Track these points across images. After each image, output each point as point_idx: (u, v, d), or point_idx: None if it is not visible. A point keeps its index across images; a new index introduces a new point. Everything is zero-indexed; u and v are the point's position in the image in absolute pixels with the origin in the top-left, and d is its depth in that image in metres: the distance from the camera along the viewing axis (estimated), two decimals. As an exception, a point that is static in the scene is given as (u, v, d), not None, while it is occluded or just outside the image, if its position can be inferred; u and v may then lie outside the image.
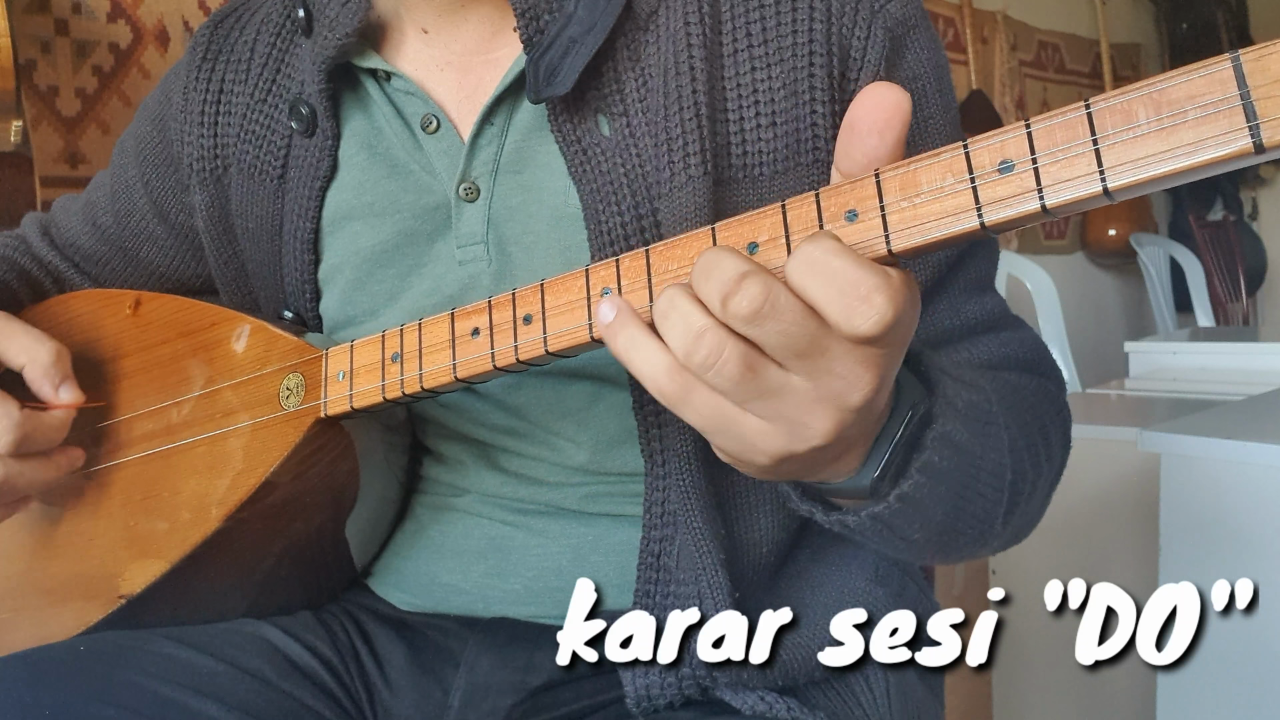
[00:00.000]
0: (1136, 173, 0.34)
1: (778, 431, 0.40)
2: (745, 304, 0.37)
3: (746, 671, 0.55)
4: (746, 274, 0.37)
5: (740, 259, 0.38)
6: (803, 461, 0.42)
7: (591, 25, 0.57)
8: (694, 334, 0.39)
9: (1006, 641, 1.53)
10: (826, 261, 0.37)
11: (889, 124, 0.38)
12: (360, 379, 0.56)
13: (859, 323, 0.36)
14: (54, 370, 0.63)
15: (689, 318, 0.39)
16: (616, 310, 0.42)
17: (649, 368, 0.41)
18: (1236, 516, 1.09)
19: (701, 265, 0.39)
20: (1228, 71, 0.32)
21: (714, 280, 0.38)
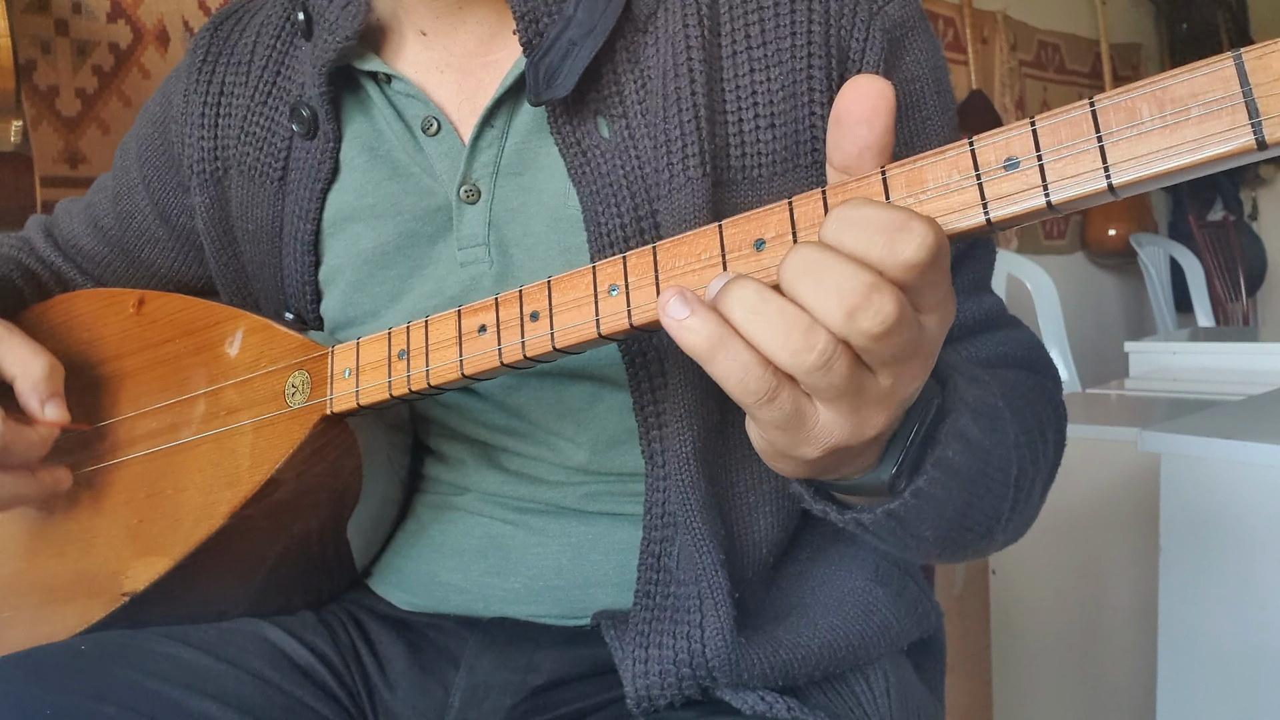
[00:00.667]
0: (1140, 169, 0.34)
1: (844, 427, 0.40)
2: (878, 321, 0.36)
3: (747, 671, 0.55)
4: (874, 286, 0.36)
5: (854, 264, 0.36)
6: (847, 454, 0.42)
7: (591, 28, 0.57)
8: (801, 333, 0.37)
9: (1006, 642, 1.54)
10: (856, 213, 0.36)
11: (876, 111, 0.39)
12: (366, 376, 0.56)
13: (903, 250, 0.35)
14: (43, 386, 0.63)
15: (788, 314, 0.37)
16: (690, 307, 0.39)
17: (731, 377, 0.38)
18: (1236, 516, 1.09)
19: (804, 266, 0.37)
20: (1230, 69, 0.32)
21: (831, 286, 0.36)
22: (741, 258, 0.42)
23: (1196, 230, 3.74)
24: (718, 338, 0.38)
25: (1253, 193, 4.26)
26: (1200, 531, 1.12)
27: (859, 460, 0.44)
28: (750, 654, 0.55)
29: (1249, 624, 1.08)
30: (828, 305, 0.36)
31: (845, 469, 0.45)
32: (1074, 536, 1.42)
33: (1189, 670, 1.13)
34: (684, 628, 0.55)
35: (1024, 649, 1.53)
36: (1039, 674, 1.52)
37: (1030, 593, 1.51)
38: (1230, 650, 1.09)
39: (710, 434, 0.58)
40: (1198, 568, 1.12)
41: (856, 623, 0.60)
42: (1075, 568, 1.44)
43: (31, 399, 0.63)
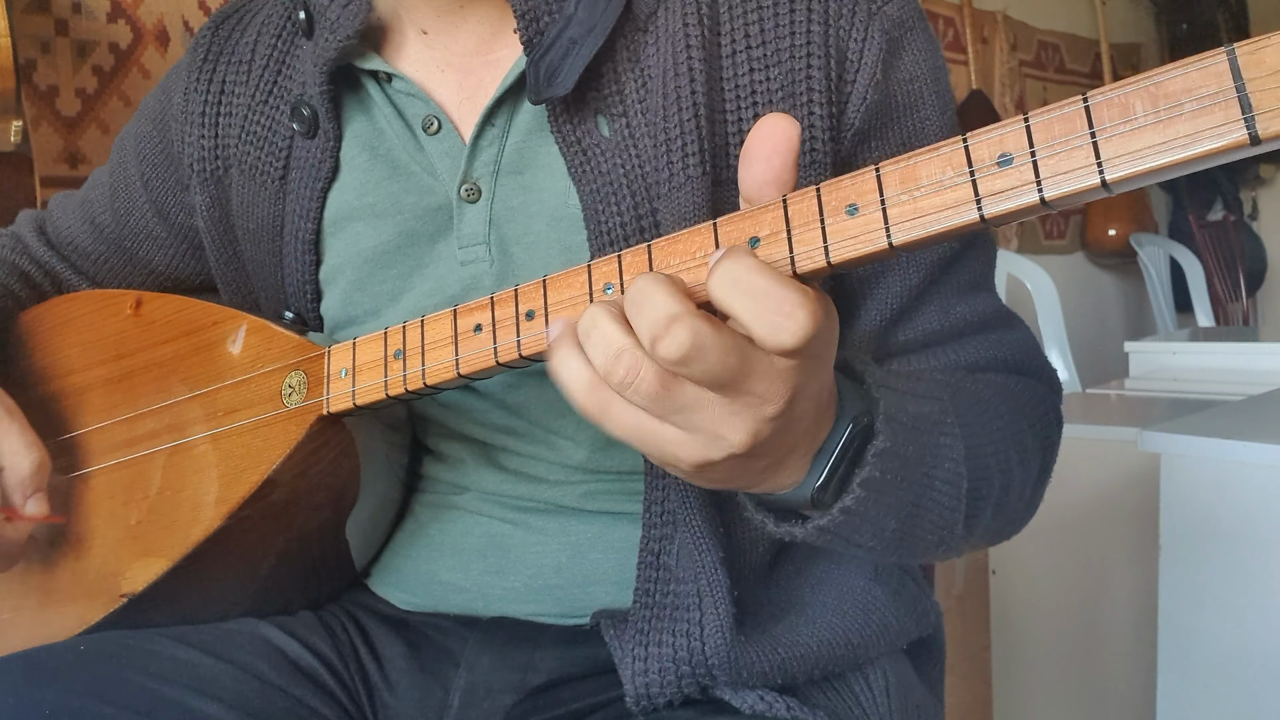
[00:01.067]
0: (1134, 165, 0.34)
1: (694, 441, 0.42)
2: (674, 348, 0.38)
3: (746, 670, 0.55)
4: (675, 318, 0.38)
5: (671, 295, 0.39)
6: (727, 470, 0.43)
7: (591, 27, 0.57)
8: (613, 353, 0.40)
9: (1007, 641, 1.54)
10: (750, 280, 0.38)
11: (775, 149, 0.41)
12: (363, 376, 0.56)
13: (784, 337, 0.38)
14: (29, 483, 0.64)
15: (609, 337, 0.40)
16: (561, 329, 0.43)
17: (571, 383, 0.42)
18: (1236, 516, 1.09)
19: (632, 296, 0.40)
20: (1223, 65, 0.32)
21: (645, 317, 0.39)
22: None
23: (1196, 230, 3.75)
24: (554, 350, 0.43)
25: (1253, 193, 4.26)
26: (1200, 531, 1.12)
27: (777, 476, 0.45)
28: (750, 652, 0.55)
29: (1249, 624, 1.08)
30: (640, 330, 0.40)
31: (763, 484, 0.46)
32: (1074, 536, 1.42)
33: (1189, 670, 1.13)
34: (683, 626, 0.55)
35: (1024, 649, 1.53)
36: (1039, 674, 1.52)
37: (1030, 593, 1.51)
38: (1230, 650, 1.09)
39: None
40: (1198, 568, 1.12)
41: (856, 622, 0.60)
42: (1075, 568, 1.44)
43: (15, 494, 0.64)
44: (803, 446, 0.45)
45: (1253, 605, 1.08)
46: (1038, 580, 1.50)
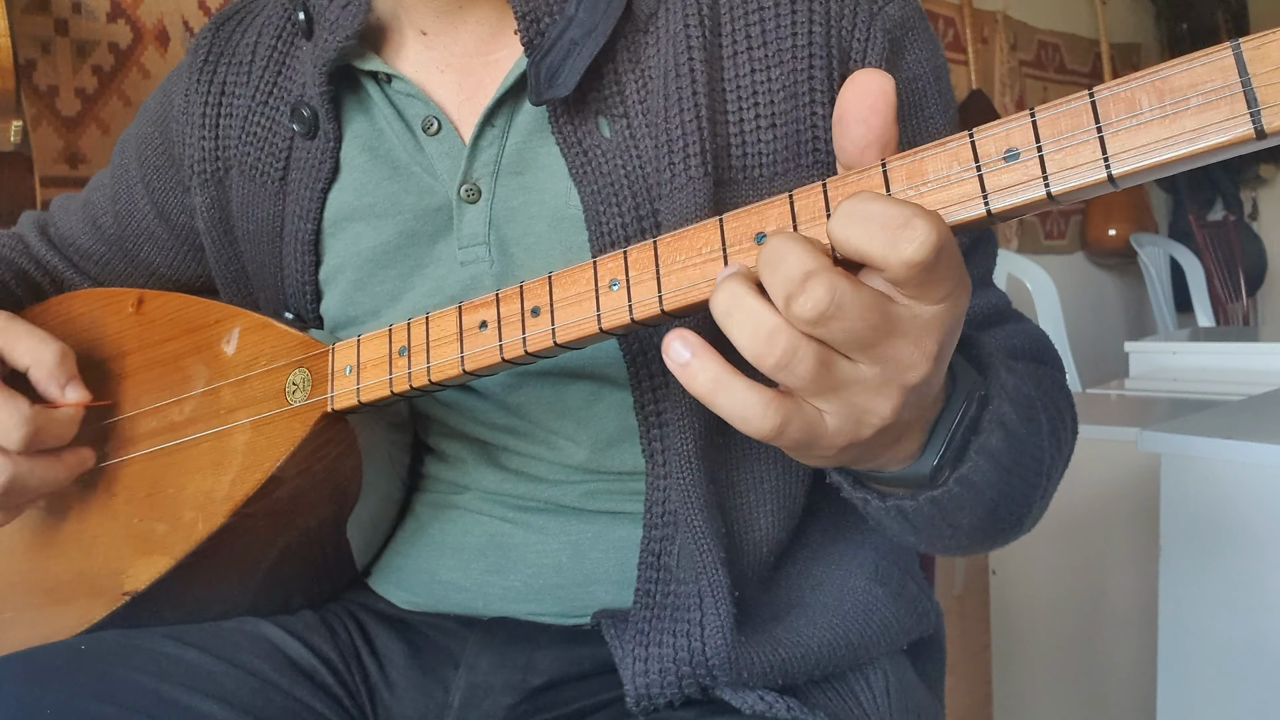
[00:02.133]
0: (1140, 159, 0.34)
1: (845, 420, 0.40)
2: (810, 306, 0.37)
3: (746, 670, 0.55)
4: (811, 274, 0.37)
5: (806, 252, 0.37)
6: (865, 447, 0.42)
7: (592, 27, 0.57)
8: (765, 336, 0.38)
9: (1007, 641, 1.54)
10: (862, 208, 0.36)
11: (873, 109, 0.39)
12: (367, 373, 0.56)
13: (905, 248, 0.36)
14: (59, 370, 0.64)
15: (756, 317, 0.38)
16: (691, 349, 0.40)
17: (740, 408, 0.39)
18: (1236, 516, 1.09)
19: (766, 257, 0.38)
20: (1229, 59, 0.33)
21: (779, 275, 0.37)
22: (742, 251, 0.42)
23: (1197, 230, 3.75)
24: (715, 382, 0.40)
25: (1253, 193, 4.26)
26: (1200, 531, 1.12)
27: (893, 451, 0.44)
28: (750, 653, 0.55)
29: (1249, 624, 1.08)
30: (774, 293, 0.38)
31: (879, 460, 0.45)
32: (1074, 536, 1.42)
33: (1189, 670, 1.13)
34: (684, 626, 0.55)
35: (1024, 649, 1.53)
36: (1039, 674, 1.52)
37: (1030, 593, 1.51)
38: (1230, 650, 1.09)
39: (711, 432, 0.58)
40: (1198, 568, 1.12)
41: (856, 622, 0.60)
42: (1075, 568, 1.44)
43: (50, 385, 0.64)
44: (926, 418, 0.44)
45: (1253, 605, 1.08)
46: (1038, 580, 1.50)
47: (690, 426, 0.56)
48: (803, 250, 0.37)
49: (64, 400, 0.64)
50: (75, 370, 0.65)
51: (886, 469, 0.46)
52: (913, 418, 0.43)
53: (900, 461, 0.45)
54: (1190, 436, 1.12)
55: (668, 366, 0.41)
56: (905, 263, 0.36)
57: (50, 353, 0.63)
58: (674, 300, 0.44)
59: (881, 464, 0.45)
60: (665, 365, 0.57)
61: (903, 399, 0.40)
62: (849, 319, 0.37)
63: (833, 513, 0.66)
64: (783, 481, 0.60)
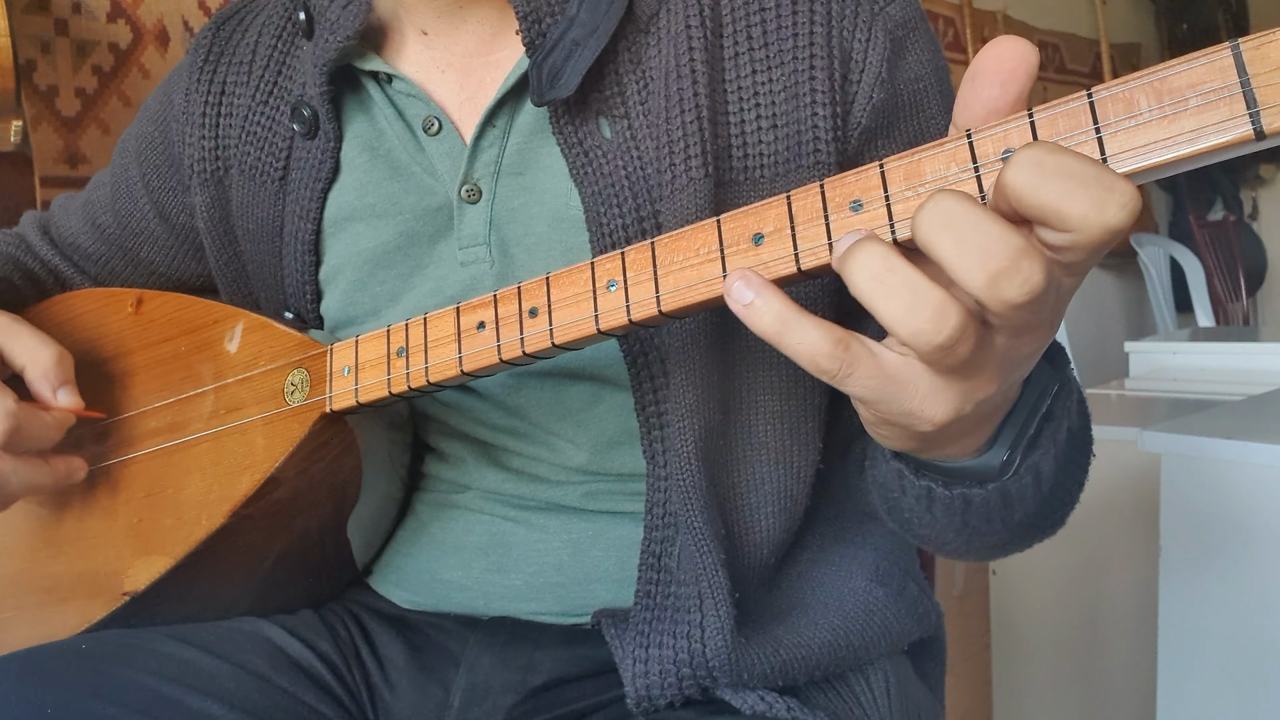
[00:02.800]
0: (1138, 160, 0.34)
1: (951, 396, 0.38)
2: (1024, 290, 0.33)
3: (747, 671, 0.55)
4: (1024, 251, 0.33)
5: (1004, 224, 0.33)
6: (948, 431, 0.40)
7: (594, 28, 0.57)
8: (932, 311, 0.34)
9: (1007, 641, 1.53)
10: (1059, 161, 0.32)
11: (1013, 75, 0.36)
12: (366, 374, 0.56)
13: (1113, 212, 0.32)
14: (54, 373, 0.63)
15: (920, 289, 0.34)
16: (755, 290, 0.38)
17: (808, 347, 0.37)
18: (1236, 516, 1.09)
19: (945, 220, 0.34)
20: (1228, 60, 0.33)
21: (976, 247, 0.33)
22: (740, 252, 0.42)
23: (1196, 230, 3.74)
24: (782, 320, 0.38)
25: (1253, 193, 4.26)
26: (1200, 531, 1.12)
27: (963, 442, 0.43)
28: (750, 654, 0.55)
29: (1249, 624, 1.08)
30: (967, 266, 0.33)
31: (950, 449, 0.43)
32: (1074, 536, 1.42)
33: (1189, 670, 1.13)
34: (684, 627, 0.55)
35: (1024, 649, 1.53)
36: (1039, 674, 1.52)
37: (1030, 593, 1.51)
38: (1230, 650, 1.09)
39: (712, 434, 0.58)
40: (1198, 568, 1.12)
41: (857, 623, 0.60)
42: (1075, 568, 1.44)
43: (43, 387, 0.63)
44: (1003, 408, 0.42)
45: (1253, 605, 1.08)
46: (1038, 580, 1.50)
47: (691, 428, 0.56)
48: (1000, 220, 0.33)
49: (54, 404, 0.63)
50: (71, 376, 0.64)
51: (952, 460, 0.45)
52: (1000, 402, 0.41)
53: (968, 454, 0.44)
54: (1190, 436, 1.12)
55: (731, 309, 0.39)
56: (1109, 228, 0.32)
57: (47, 355, 0.63)
58: (672, 301, 0.44)
59: (951, 453, 0.44)
60: (666, 366, 0.57)
61: (1007, 377, 0.38)
62: (1046, 303, 0.34)
63: (833, 514, 0.66)
64: (784, 483, 0.60)
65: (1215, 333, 2.59)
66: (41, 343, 0.64)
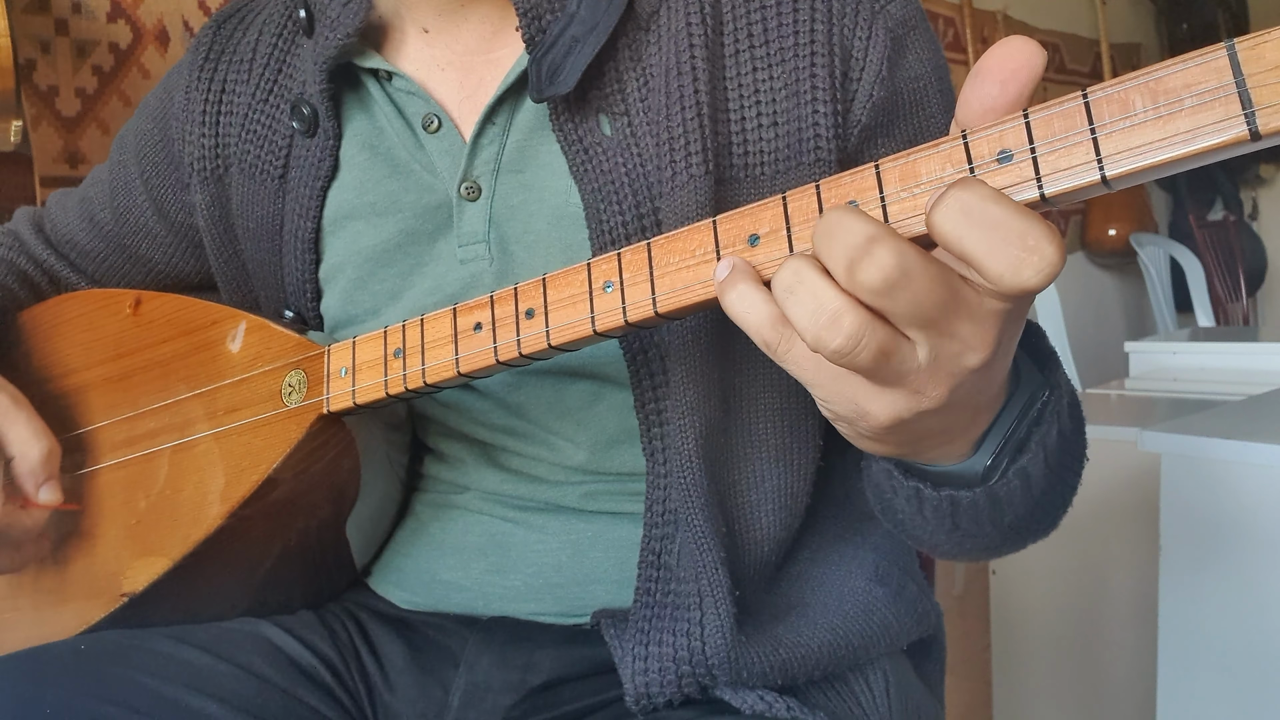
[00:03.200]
0: (1134, 161, 0.34)
1: (892, 397, 0.39)
2: (875, 274, 0.35)
3: (746, 670, 0.55)
4: (875, 238, 0.35)
5: (866, 220, 0.35)
6: (911, 431, 0.41)
7: (594, 25, 0.57)
8: (828, 318, 0.36)
9: (1007, 641, 1.53)
10: (985, 209, 0.34)
11: (1014, 75, 0.36)
12: (363, 375, 0.56)
13: (1027, 275, 0.33)
14: (40, 470, 0.65)
15: (820, 297, 0.36)
16: (731, 268, 0.40)
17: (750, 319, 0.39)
18: (1236, 516, 1.09)
19: (824, 227, 0.36)
20: (1223, 60, 0.32)
21: (838, 243, 0.35)
22: (736, 253, 0.42)
23: (1196, 230, 3.74)
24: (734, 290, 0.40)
25: (1253, 193, 4.26)
26: (1200, 531, 1.12)
27: (945, 448, 0.43)
28: (750, 652, 0.55)
29: (1249, 624, 1.08)
30: (834, 261, 0.36)
31: (931, 455, 0.44)
32: (1074, 536, 1.42)
33: (1189, 670, 1.13)
34: (684, 625, 0.55)
35: (1024, 649, 1.53)
36: (1039, 674, 1.52)
37: (1030, 593, 1.51)
38: (1230, 650, 1.09)
39: (713, 431, 0.58)
40: (1198, 568, 1.12)
41: (856, 622, 0.60)
42: (1075, 568, 1.44)
43: (28, 482, 0.65)
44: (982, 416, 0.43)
45: (1253, 605, 1.08)
46: (1038, 580, 1.50)
47: (691, 425, 0.56)
48: (863, 217, 0.35)
49: (35, 500, 0.65)
50: (56, 470, 0.66)
51: (937, 464, 0.45)
52: (972, 410, 0.41)
53: (953, 458, 0.44)
54: (1190, 436, 1.12)
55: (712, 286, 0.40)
56: (1023, 289, 0.34)
57: (37, 451, 0.64)
58: (668, 302, 0.44)
59: (935, 457, 0.44)
60: (666, 364, 0.57)
61: (959, 381, 0.39)
62: (916, 289, 0.35)
63: (833, 513, 0.66)
64: (784, 481, 0.60)
65: (1215, 333, 2.59)
66: (34, 435, 0.65)
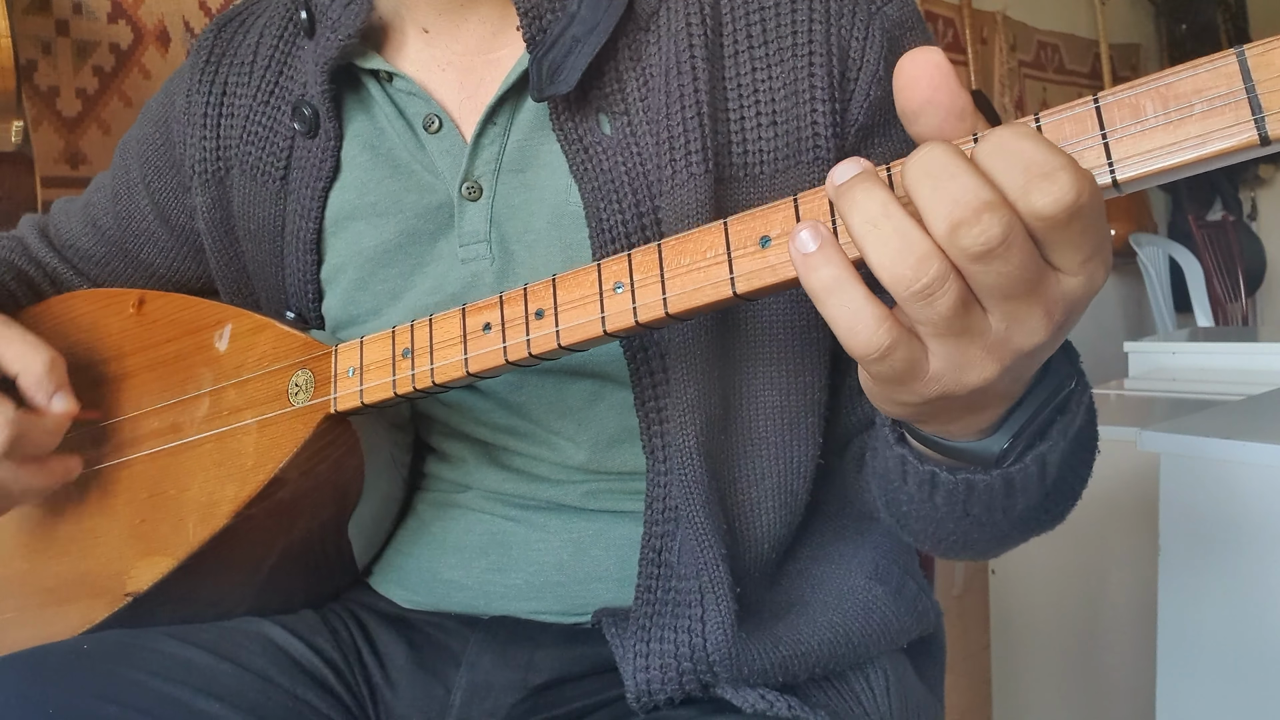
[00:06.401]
0: (1144, 165, 0.34)
1: (949, 368, 0.38)
2: (982, 239, 0.34)
3: (747, 667, 0.55)
4: (989, 205, 0.34)
5: (979, 178, 0.34)
6: (951, 404, 0.40)
7: (594, 25, 0.57)
8: (916, 259, 0.35)
9: (1007, 641, 1.53)
10: (1013, 143, 0.34)
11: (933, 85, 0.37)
12: (371, 375, 0.56)
13: (1035, 198, 0.33)
14: (47, 379, 0.63)
15: (909, 235, 0.35)
16: (820, 241, 0.37)
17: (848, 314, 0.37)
18: (1236, 516, 1.09)
19: (927, 168, 0.35)
20: (1233, 66, 0.33)
21: (945, 197, 0.34)
22: (747, 254, 0.42)
23: (1196, 230, 3.75)
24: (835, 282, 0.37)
25: (1252, 193, 4.26)
26: (1200, 531, 1.12)
27: (969, 420, 0.43)
28: (751, 650, 0.55)
29: (1249, 624, 1.08)
30: (936, 212, 0.34)
31: (953, 426, 0.43)
32: (1074, 536, 1.42)
33: (1189, 670, 1.13)
34: (685, 622, 0.56)
35: (1024, 649, 1.53)
36: (1039, 674, 1.52)
37: (1030, 593, 1.51)
38: (1230, 650, 1.10)
39: (713, 429, 0.58)
40: (1198, 568, 1.12)
41: (857, 621, 0.60)
42: (1075, 568, 1.44)
43: (37, 393, 0.63)
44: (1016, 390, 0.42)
45: (1252, 605, 1.08)
46: (1038, 580, 1.50)
47: (692, 423, 0.57)
48: (974, 173, 0.34)
49: (50, 409, 0.63)
50: (64, 379, 0.64)
51: (955, 438, 0.44)
52: (1007, 387, 0.41)
53: (970, 434, 0.44)
54: (1190, 436, 1.12)
55: (791, 254, 0.38)
56: (1034, 212, 0.34)
57: (39, 361, 0.63)
58: (679, 303, 0.44)
59: (954, 430, 0.44)
60: (666, 362, 0.57)
61: (1011, 362, 0.38)
62: (1011, 264, 0.34)
63: (834, 511, 0.66)
64: (784, 479, 0.60)
65: (1214, 333, 2.60)
66: (33, 348, 0.64)
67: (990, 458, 0.44)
